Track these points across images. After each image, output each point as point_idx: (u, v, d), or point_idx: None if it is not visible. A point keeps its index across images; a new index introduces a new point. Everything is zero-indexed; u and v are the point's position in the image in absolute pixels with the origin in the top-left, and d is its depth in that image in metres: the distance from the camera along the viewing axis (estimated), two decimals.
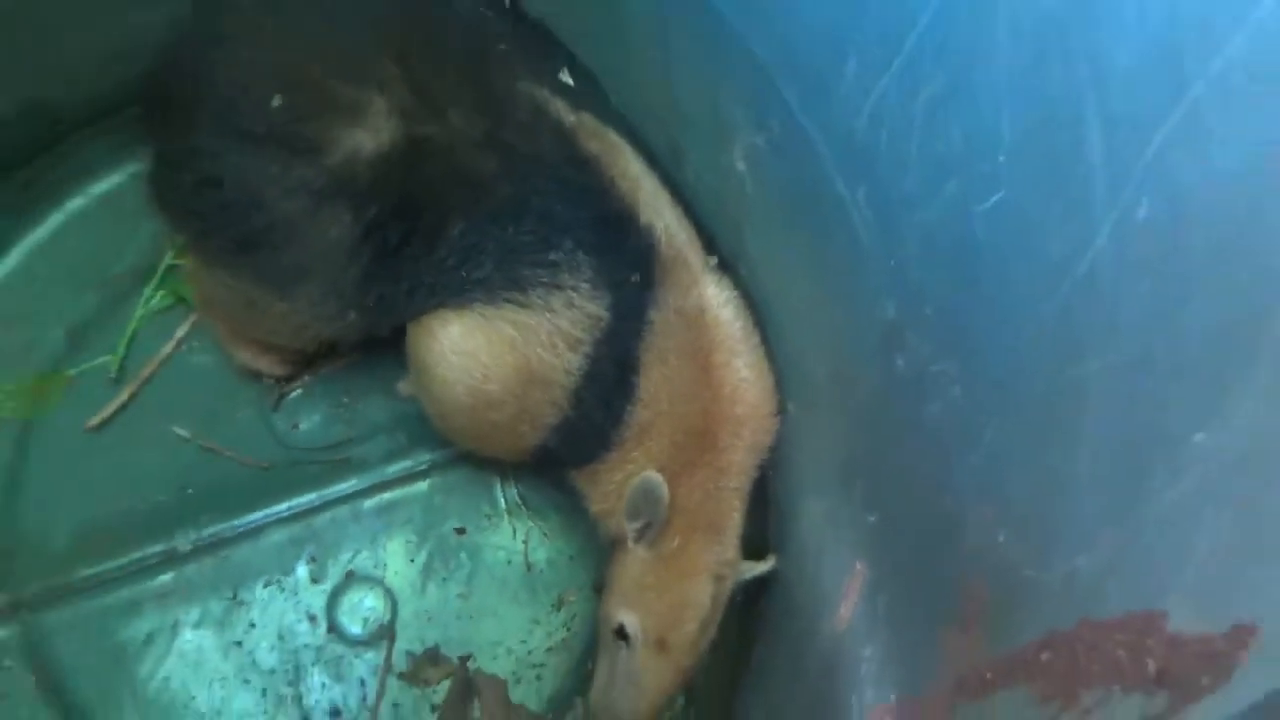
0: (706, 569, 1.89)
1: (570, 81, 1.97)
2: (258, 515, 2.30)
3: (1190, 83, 1.08)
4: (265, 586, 2.27)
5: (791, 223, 1.88)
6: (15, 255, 2.34)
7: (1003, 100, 1.33)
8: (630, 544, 1.91)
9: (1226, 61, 1.05)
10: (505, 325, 1.87)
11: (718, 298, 1.94)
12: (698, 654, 1.93)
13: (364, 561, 2.29)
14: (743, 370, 1.93)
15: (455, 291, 1.87)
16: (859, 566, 1.78)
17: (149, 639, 2.23)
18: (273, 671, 2.23)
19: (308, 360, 2.31)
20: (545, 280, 1.84)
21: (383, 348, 2.11)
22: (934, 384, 1.55)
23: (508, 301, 1.86)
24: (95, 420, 2.28)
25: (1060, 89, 1.23)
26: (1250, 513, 0.99)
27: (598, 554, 2.27)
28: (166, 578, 2.26)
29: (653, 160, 2.03)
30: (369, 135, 1.76)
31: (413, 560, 2.30)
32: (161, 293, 2.33)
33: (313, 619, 2.26)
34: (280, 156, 1.77)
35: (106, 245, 2.32)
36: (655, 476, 1.83)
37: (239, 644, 2.24)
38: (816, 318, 1.90)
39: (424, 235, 1.83)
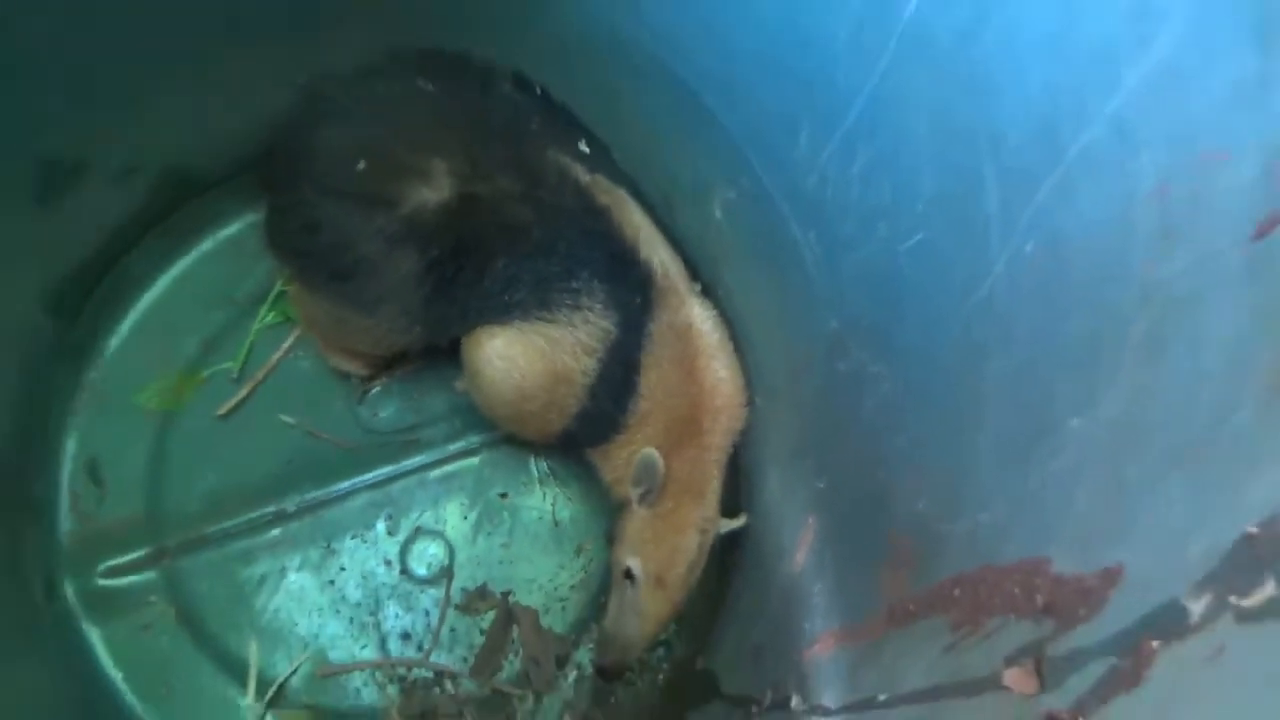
0: (693, 524, 1.90)
1: (587, 150, 1.97)
2: (346, 484, 2.28)
3: (1065, 150, 1.08)
4: (352, 539, 2.26)
5: (757, 258, 1.88)
6: (161, 283, 2.32)
7: (922, 163, 1.33)
8: (634, 505, 1.91)
9: (1093, 135, 1.05)
10: (538, 338, 1.88)
11: (701, 315, 1.94)
12: (687, 590, 1.94)
13: (428, 519, 2.28)
14: (720, 371, 1.93)
15: (499, 312, 1.88)
16: (810, 521, 1.77)
17: (262, 580, 2.22)
18: (358, 604, 2.22)
19: (385, 365, 2.31)
20: (569, 303, 1.84)
21: (443, 355, 2.11)
22: (869, 382, 1.55)
23: (539, 319, 1.86)
24: (222, 410, 2.27)
25: (965, 155, 1.23)
26: (1115, 481, 0.98)
27: (608, 513, 2.26)
28: (276, 532, 2.25)
29: (650, 209, 2.03)
30: (433, 192, 1.76)
31: (466, 518, 2.28)
32: (273, 313, 2.32)
33: (389, 563, 2.25)
34: (363, 209, 1.78)
35: (231, 276, 2.31)
36: (654, 453, 1.84)
37: (331, 583, 2.23)
38: (776, 331, 1.89)
39: (473, 269, 1.83)
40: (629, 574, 1.91)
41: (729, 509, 1.99)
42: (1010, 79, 1.11)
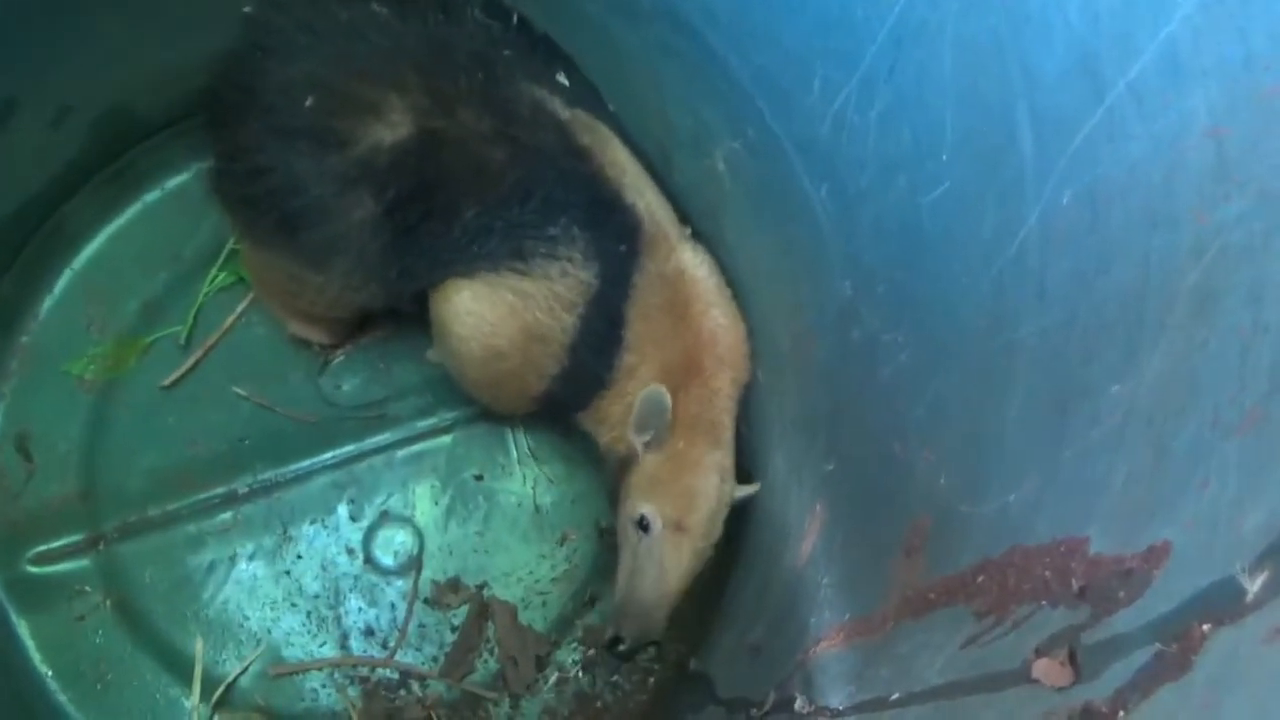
0: (710, 465, 1.86)
1: (566, 82, 1.95)
2: (305, 463, 2.27)
3: (1109, 88, 1.07)
4: (311, 524, 2.25)
5: (763, 215, 1.86)
6: (100, 239, 2.30)
7: (946, 106, 1.31)
8: (641, 455, 1.89)
9: (1141, 69, 1.03)
10: (507, 293, 1.86)
11: (693, 261, 1.93)
12: (709, 542, 1.88)
13: (396, 503, 2.27)
14: (719, 318, 1.92)
15: (469, 260, 1.86)
16: (818, 508, 1.76)
17: (210, 568, 2.21)
18: (316, 596, 2.21)
19: (350, 331, 2.29)
20: (544, 251, 1.83)
21: (415, 323, 2.10)
22: (885, 351, 1.53)
23: (510, 270, 1.85)
24: (168, 380, 2.26)
25: (996, 95, 1.21)
26: (1160, 450, 0.97)
27: (596, 499, 2.26)
28: (226, 516, 2.24)
29: (643, 158, 2.02)
30: (387, 129, 1.76)
31: (437, 502, 2.27)
32: (225, 273, 2.30)
33: (351, 552, 2.24)
34: (313, 148, 1.78)
35: (179, 231, 2.29)
36: (659, 388, 1.82)
37: (287, 573, 2.22)
38: (783, 295, 1.88)
39: (439, 216, 1.82)
40: (643, 524, 1.85)
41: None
42: (1048, 5, 1.09)
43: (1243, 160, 0.93)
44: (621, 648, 1.92)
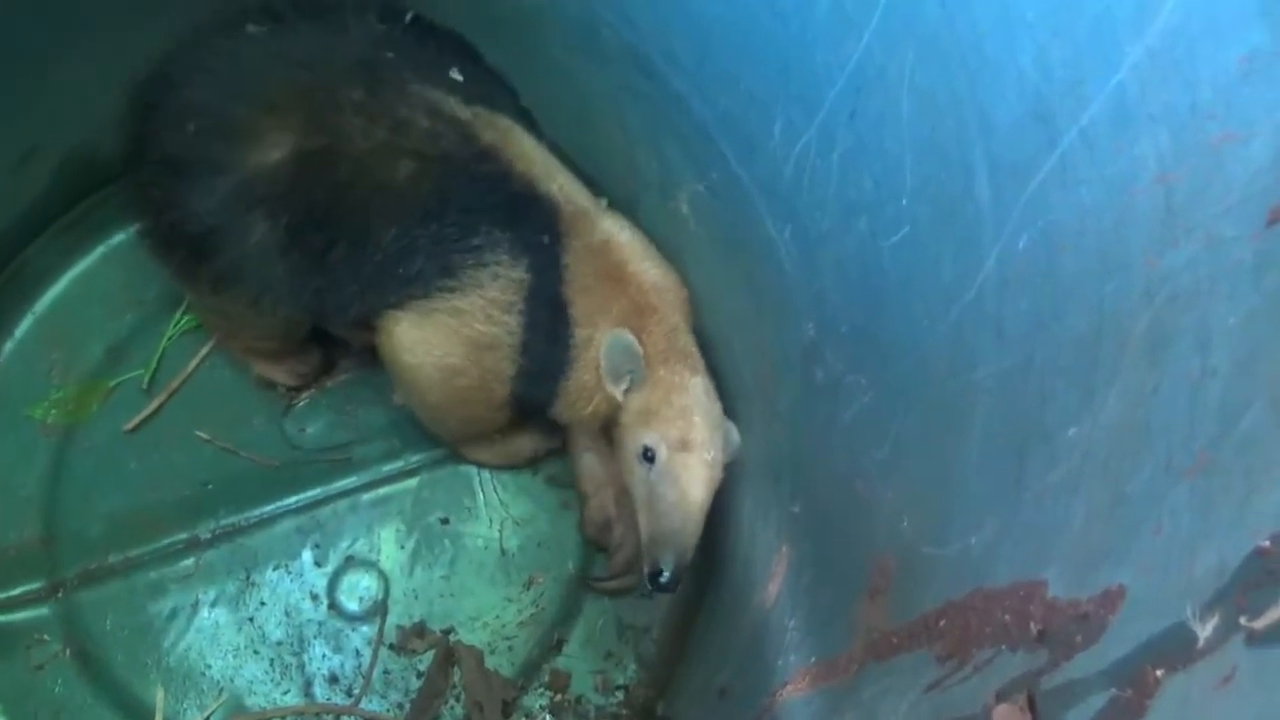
0: (696, 384, 1.85)
1: (460, 78, 1.93)
2: (269, 507, 2.25)
3: (1062, 135, 1.08)
4: (274, 569, 2.22)
5: (727, 256, 1.87)
6: (63, 282, 2.30)
7: (905, 152, 1.33)
8: (625, 402, 1.88)
9: (1092, 117, 1.05)
10: (442, 315, 1.88)
11: (616, 228, 1.95)
12: (715, 455, 1.82)
13: (361, 547, 2.25)
14: (651, 271, 1.93)
15: (398, 287, 1.87)
16: (784, 550, 1.76)
17: (172, 615, 2.18)
18: (280, 643, 2.18)
19: (315, 373, 2.28)
20: (472, 262, 1.84)
21: (380, 365, 2.08)
22: (848, 393, 1.54)
23: (440, 290, 1.86)
24: (130, 424, 2.23)
25: (953, 142, 1.23)
26: (1115, 494, 0.98)
27: (563, 543, 2.25)
28: (188, 562, 2.21)
29: (610, 199, 2.03)
30: (266, 151, 1.77)
31: (403, 546, 2.25)
32: (189, 316, 2.29)
33: (315, 598, 2.21)
34: (200, 176, 1.81)
35: (141, 275, 2.28)
36: (620, 331, 1.83)
37: (251, 620, 2.19)
38: (748, 337, 1.89)
39: (350, 238, 1.83)
40: (648, 455, 1.81)
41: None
42: (1003, 54, 1.11)
43: (1190, 206, 0.94)
44: (664, 578, 1.78)
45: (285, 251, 1.83)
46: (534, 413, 2.03)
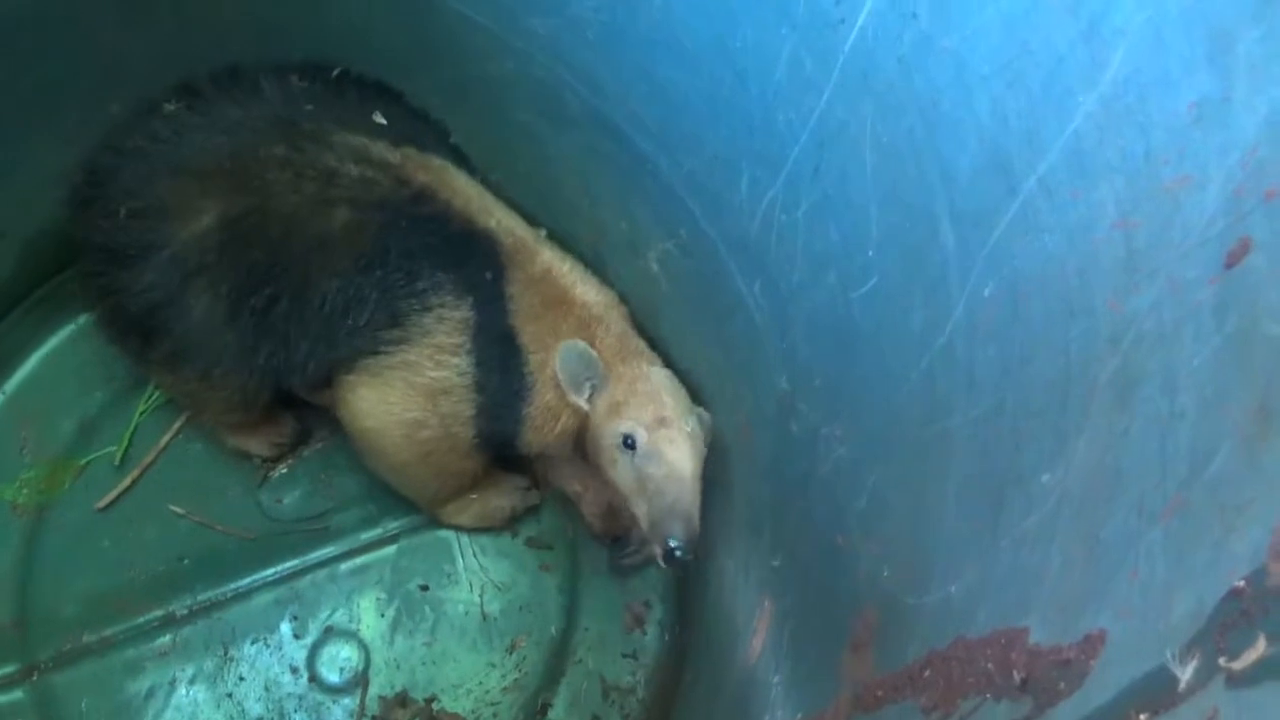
0: (657, 372, 1.90)
1: (384, 121, 1.94)
2: (246, 581, 2.22)
3: (1021, 183, 1.10)
4: (253, 644, 2.18)
5: (699, 313, 1.88)
6: (33, 360, 2.27)
7: (870, 204, 1.34)
8: (592, 407, 1.91)
9: (1050, 165, 1.07)
10: (394, 370, 1.88)
11: (555, 258, 1.97)
12: (694, 428, 1.86)
13: (340, 617, 2.22)
14: (592, 292, 1.97)
15: (347, 342, 1.87)
16: (767, 604, 1.75)
17: (150, 694, 2.13)
18: (260, 718, 2.14)
19: (290, 443, 2.27)
20: (417, 307, 1.84)
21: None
22: (824, 444, 1.54)
23: (387, 343, 1.86)
24: (103, 501, 2.20)
25: (916, 193, 1.25)
26: (1089, 540, 0.98)
27: (545, 605, 2.23)
28: (165, 639, 2.17)
29: (577, 257, 2.05)
30: (195, 220, 1.79)
31: (383, 615, 2.22)
32: (159, 392, 2.27)
33: (295, 670, 2.17)
34: (136, 256, 1.82)
35: (111, 352, 2.24)
36: (572, 341, 1.86)
37: (230, 695, 2.15)
38: (723, 391, 1.89)
39: (293, 294, 1.83)
40: (628, 442, 1.83)
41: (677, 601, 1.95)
42: (960, 107, 1.13)
43: (1150, 250, 0.96)
44: (678, 553, 1.73)
45: (231, 319, 1.83)
46: (503, 449, 2.02)
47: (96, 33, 1.87)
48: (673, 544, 1.72)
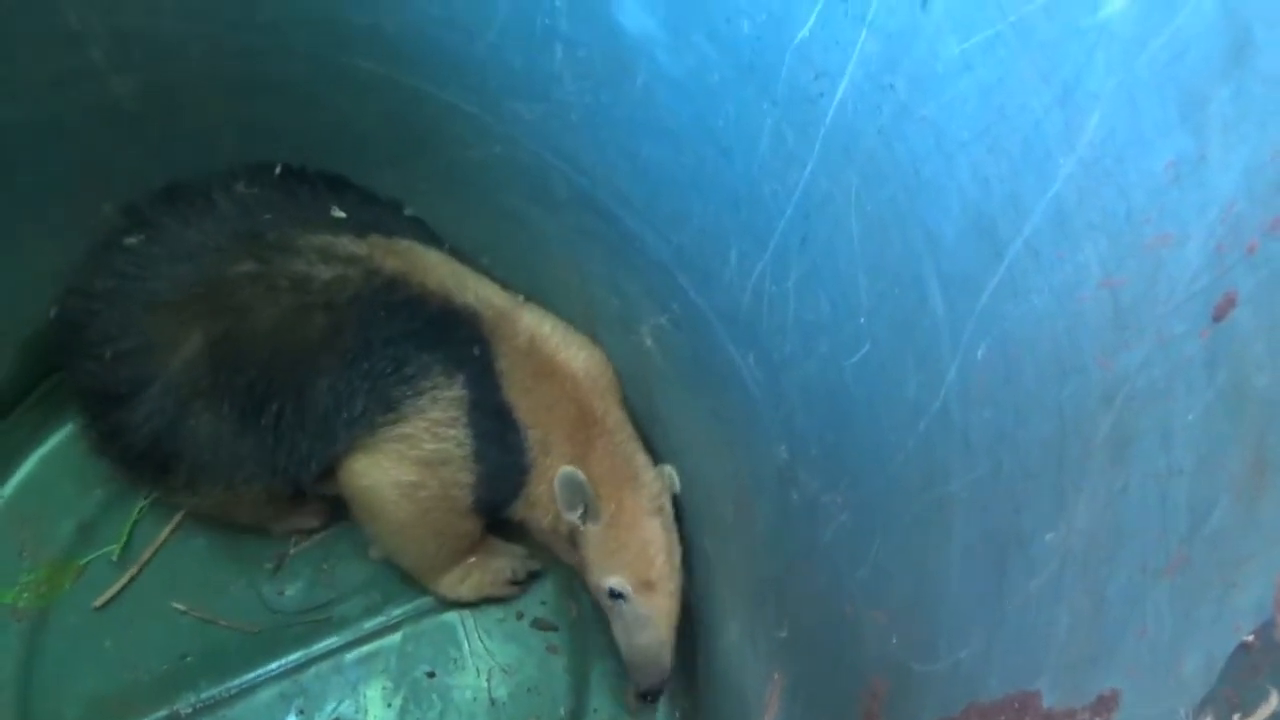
0: (645, 510, 1.95)
1: (343, 214, 1.95)
2: (250, 676, 2.19)
3: (1007, 246, 1.11)
4: None
5: (694, 386, 1.88)
6: (31, 461, 2.27)
7: (858, 272, 1.35)
8: (583, 528, 1.96)
9: (1034, 227, 1.08)
10: (392, 444, 1.90)
11: (536, 322, 2.01)
12: (678, 578, 1.97)
13: (347, 708, 2.18)
14: (579, 356, 2.01)
15: (346, 431, 1.89)
16: (776, 678, 1.73)
17: None
18: None
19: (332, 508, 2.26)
20: (409, 392, 1.87)
21: (355, 520, 2.07)
22: (825, 513, 1.54)
23: (384, 424, 1.89)
24: (101, 599, 2.18)
25: (903, 259, 1.26)
26: (1095, 599, 0.98)
27: (552, 687, 2.20)
28: None
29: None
30: (179, 351, 1.80)
31: (390, 704, 2.19)
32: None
33: None
34: (131, 394, 1.84)
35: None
36: (568, 469, 1.90)
37: None
38: (721, 463, 1.89)
39: (293, 400, 1.85)
40: (614, 594, 1.93)
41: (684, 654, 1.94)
42: (941, 173, 1.15)
43: (1137, 308, 0.96)
44: (648, 698, 2.05)
45: (242, 432, 1.85)
46: (502, 513, 2.07)
47: (85, 136, 1.90)
48: (647, 691, 2.00)
